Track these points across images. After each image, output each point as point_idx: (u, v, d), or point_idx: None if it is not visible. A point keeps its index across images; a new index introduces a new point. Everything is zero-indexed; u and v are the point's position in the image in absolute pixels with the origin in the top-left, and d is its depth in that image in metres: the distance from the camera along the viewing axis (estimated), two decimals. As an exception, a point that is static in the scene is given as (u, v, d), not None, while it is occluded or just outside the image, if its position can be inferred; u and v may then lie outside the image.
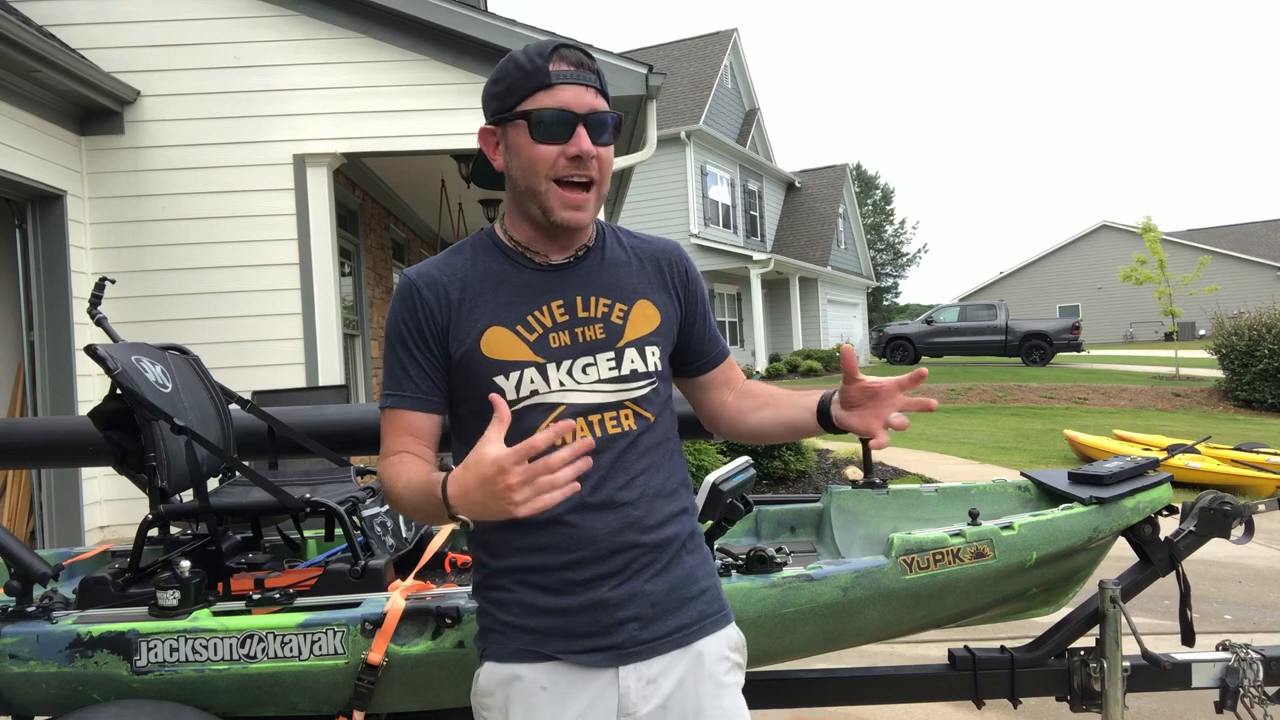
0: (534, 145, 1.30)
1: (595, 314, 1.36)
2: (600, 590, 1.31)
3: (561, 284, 1.37)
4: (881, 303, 48.59)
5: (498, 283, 1.36)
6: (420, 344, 1.35)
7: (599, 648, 1.30)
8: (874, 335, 27.04)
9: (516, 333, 1.33)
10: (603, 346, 1.35)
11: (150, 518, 2.10)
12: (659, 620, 1.34)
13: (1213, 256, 23.40)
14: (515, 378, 1.32)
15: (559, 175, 1.30)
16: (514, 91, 1.31)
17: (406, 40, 6.43)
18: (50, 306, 5.82)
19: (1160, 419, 13.05)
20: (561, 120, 1.29)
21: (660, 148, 10.43)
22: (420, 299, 1.35)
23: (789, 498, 2.87)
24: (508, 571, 1.34)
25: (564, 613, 1.31)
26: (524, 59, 1.31)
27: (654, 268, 1.45)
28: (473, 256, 1.39)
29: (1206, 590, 4.84)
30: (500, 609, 1.34)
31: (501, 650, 1.33)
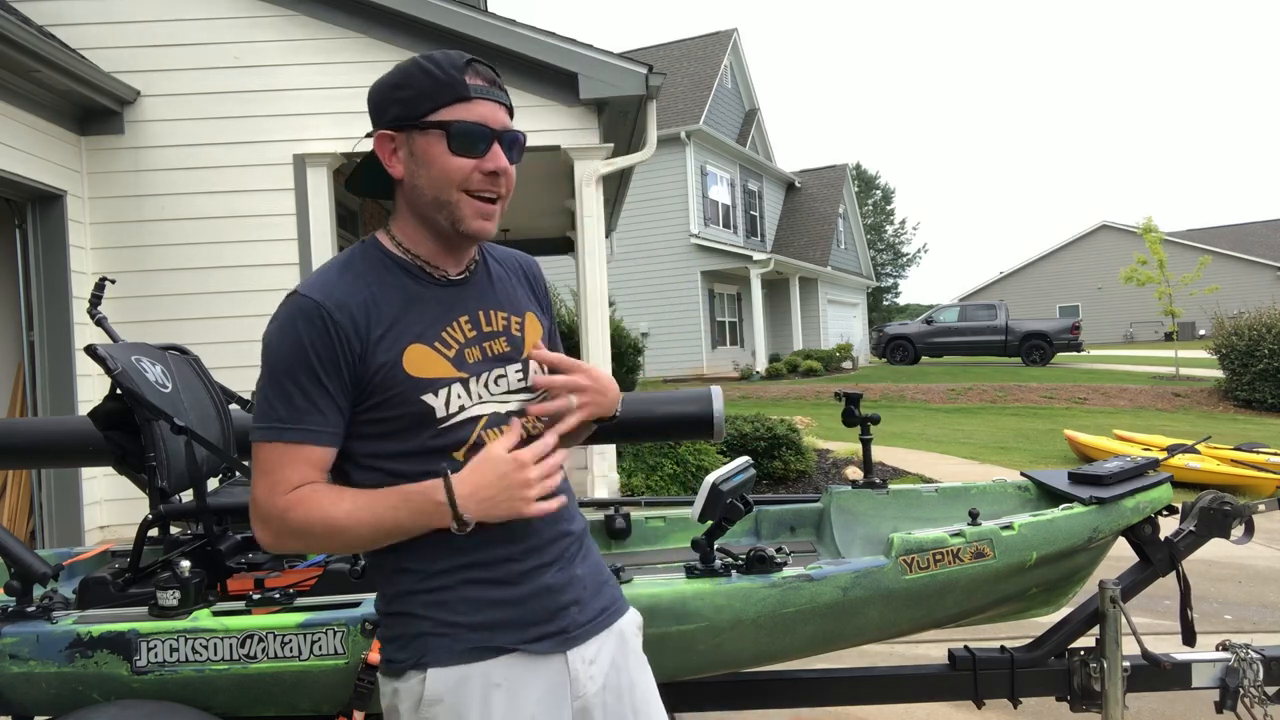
0: (450, 156, 1.28)
1: (498, 328, 1.39)
2: (544, 577, 1.34)
3: (464, 299, 1.38)
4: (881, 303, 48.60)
5: (408, 299, 1.33)
6: (332, 372, 1.26)
7: (548, 634, 1.33)
8: (874, 335, 27.05)
9: (436, 349, 1.32)
10: (511, 358, 1.38)
11: (150, 518, 2.10)
12: (590, 603, 1.40)
13: (1213, 256, 23.40)
14: (444, 395, 1.31)
15: (471, 188, 1.30)
16: (426, 99, 1.28)
17: (406, 40, 6.43)
18: (50, 306, 5.82)
19: (1160, 419, 13.06)
20: (481, 135, 1.29)
21: (660, 148, 10.43)
22: (332, 322, 1.26)
23: (789, 498, 2.87)
24: (448, 571, 1.30)
25: (514, 603, 1.32)
26: (435, 67, 1.29)
27: (524, 281, 1.50)
28: (370, 274, 1.33)
29: (1206, 590, 4.84)
30: (444, 610, 1.30)
31: (447, 653, 1.28)
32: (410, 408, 1.29)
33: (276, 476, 1.26)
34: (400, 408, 1.29)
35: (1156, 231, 19.36)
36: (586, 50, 6.46)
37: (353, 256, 1.36)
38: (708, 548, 2.02)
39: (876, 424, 2.88)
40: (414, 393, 1.29)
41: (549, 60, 6.42)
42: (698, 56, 24.10)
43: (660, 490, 7.21)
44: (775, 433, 7.94)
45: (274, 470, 1.26)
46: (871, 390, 15.99)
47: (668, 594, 1.95)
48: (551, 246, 12.29)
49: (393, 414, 1.29)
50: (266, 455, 1.27)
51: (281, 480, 1.25)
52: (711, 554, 2.03)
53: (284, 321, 1.27)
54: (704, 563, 2.02)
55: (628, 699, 1.40)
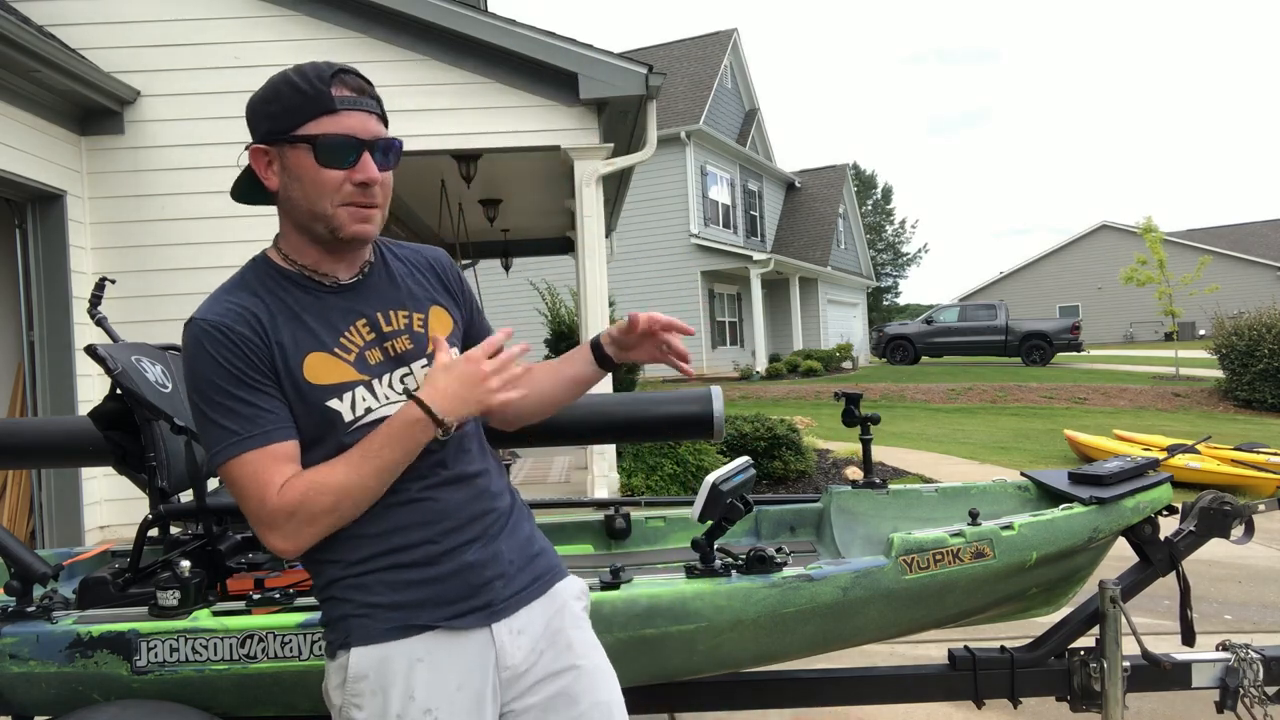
0: (319, 170, 1.30)
1: (399, 326, 1.41)
2: (466, 554, 1.37)
3: (359, 302, 1.39)
4: (881, 303, 48.60)
5: (299, 310, 1.35)
6: (257, 376, 1.29)
7: (472, 609, 1.36)
8: (874, 335, 27.05)
9: (335, 355, 1.34)
10: (415, 355, 1.40)
11: (150, 518, 2.10)
12: (518, 575, 1.43)
13: (1213, 256, 23.40)
14: (349, 399, 1.33)
15: (345, 200, 1.31)
16: (293, 114, 1.29)
17: (406, 40, 6.43)
18: (50, 306, 5.82)
19: (1160, 419, 13.05)
20: (349, 146, 1.30)
21: (660, 148, 10.43)
22: (235, 335, 1.29)
23: (789, 498, 2.87)
24: (370, 559, 1.33)
25: (434, 581, 1.34)
26: (302, 81, 1.30)
27: (433, 275, 1.51)
28: (262, 289, 1.36)
29: (1206, 590, 4.84)
30: (363, 593, 1.33)
31: (368, 633, 1.32)
32: (317, 415, 1.32)
33: (260, 484, 1.27)
34: (308, 416, 1.32)
35: (1157, 231, 19.36)
36: (586, 50, 6.46)
37: (243, 275, 1.40)
38: (708, 548, 2.02)
39: (876, 424, 2.87)
40: (318, 400, 1.32)
41: (549, 60, 6.42)
42: (698, 56, 24.10)
43: (660, 490, 7.21)
44: (775, 433, 7.94)
45: (254, 480, 1.27)
46: (871, 390, 15.99)
47: (668, 594, 1.95)
48: (551, 246, 12.29)
49: (303, 423, 1.32)
50: (241, 471, 1.27)
51: (267, 485, 1.27)
52: (711, 554, 2.03)
53: (192, 349, 1.30)
54: (704, 563, 2.02)
55: (565, 656, 1.42)
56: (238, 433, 1.27)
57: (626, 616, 1.92)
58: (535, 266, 14.85)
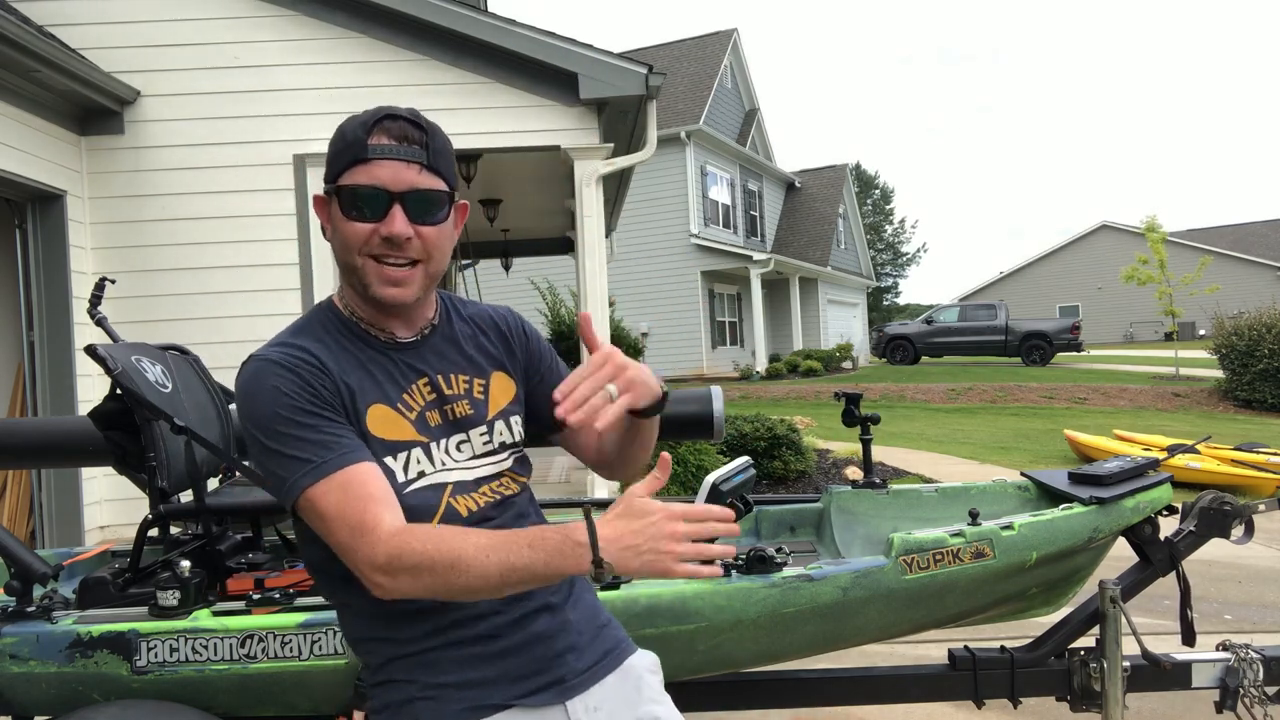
0: (345, 222, 1.24)
1: (459, 390, 1.34)
2: (534, 625, 1.29)
3: (421, 362, 1.33)
4: (881, 303, 48.60)
5: (364, 361, 1.29)
6: (329, 409, 1.22)
7: (545, 685, 1.27)
8: (874, 335, 27.05)
9: (399, 411, 1.28)
10: (475, 422, 1.34)
11: (150, 518, 2.10)
12: (589, 647, 1.34)
13: (1213, 256, 23.38)
14: (403, 458, 1.26)
15: (373, 253, 1.24)
16: (335, 162, 1.26)
17: (406, 40, 6.43)
18: (50, 306, 5.83)
19: (1160, 419, 13.05)
20: (374, 198, 1.22)
21: (660, 148, 10.42)
22: (304, 367, 1.22)
23: (789, 498, 2.87)
24: (433, 633, 1.24)
25: (504, 655, 1.26)
26: (349, 127, 1.25)
27: (498, 335, 1.44)
28: (326, 335, 1.30)
29: (1206, 590, 4.84)
30: (429, 672, 1.24)
31: (438, 715, 1.22)
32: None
33: (352, 516, 1.16)
34: None
35: (1159, 231, 19.34)
36: (586, 50, 6.46)
37: (308, 320, 1.34)
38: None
39: (876, 424, 2.87)
40: (377, 454, 1.24)
41: (549, 60, 6.42)
42: (698, 56, 24.10)
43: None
44: (775, 433, 7.94)
45: (343, 510, 1.16)
46: (871, 390, 15.99)
47: (668, 594, 1.95)
48: (551, 246, 12.29)
49: None
50: (323, 501, 1.17)
51: (362, 520, 1.15)
52: (711, 554, 2.02)
53: (253, 385, 1.22)
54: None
55: None
56: (311, 460, 1.18)
57: (626, 616, 1.92)
58: (535, 266, 14.82)
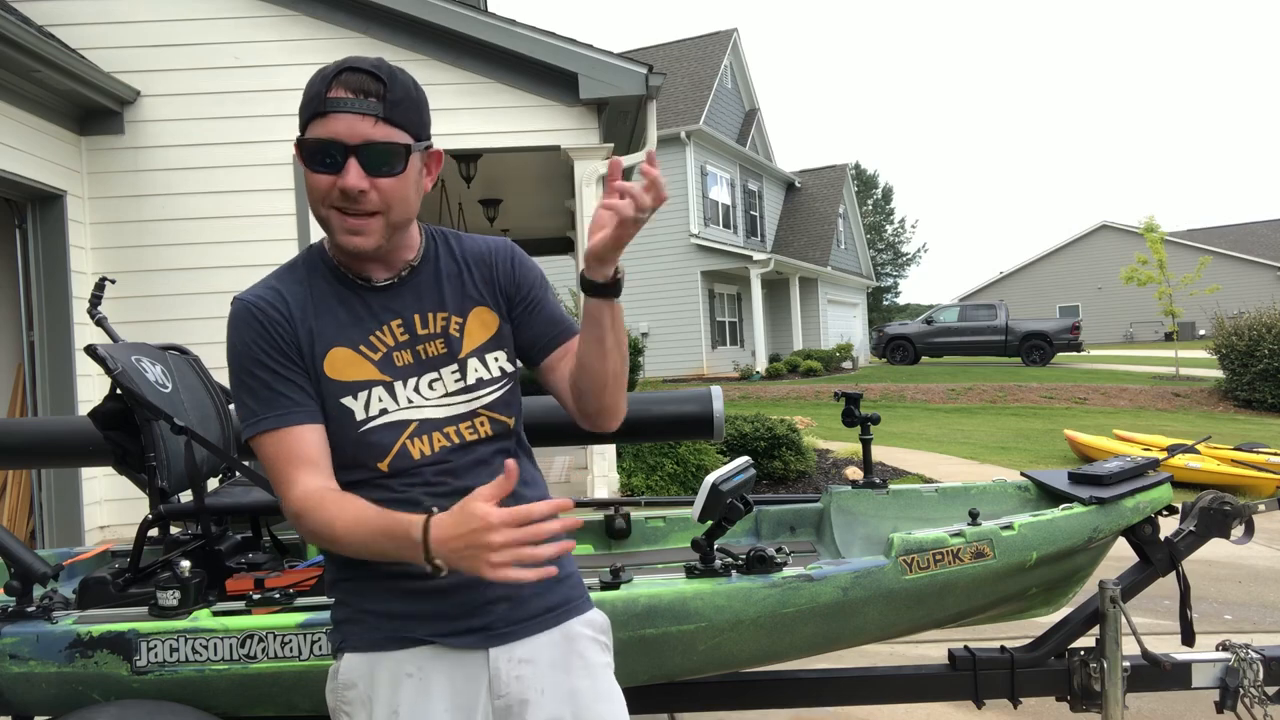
0: (310, 174, 1.27)
1: (434, 329, 1.36)
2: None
3: (397, 302, 1.36)
4: (881, 303, 48.59)
5: (336, 303, 1.34)
6: (283, 360, 1.30)
7: (471, 629, 1.30)
8: (874, 335, 27.04)
9: (360, 353, 1.33)
10: (445, 360, 1.36)
11: (150, 518, 2.10)
12: (529, 601, 1.34)
13: (1213, 256, 23.37)
14: (364, 398, 1.31)
15: (334, 204, 1.27)
16: (301, 114, 1.28)
17: (406, 40, 6.43)
18: (50, 306, 5.82)
19: (1160, 419, 13.05)
20: (328, 151, 1.24)
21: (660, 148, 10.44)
22: (266, 318, 1.31)
23: (789, 498, 2.87)
24: (367, 564, 1.29)
25: (431, 594, 1.29)
26: (314, 80, 1.26)
27: (483, 272, 1.42)
28: (307, 276, 1.36)
29: (1206, 590, 4.84)
30: (362, 598, 1.32)
31: (362, 640, 1.31)
32: (331, 410, 1.31)
33: (277, 471, 1.28)
34: (323, 409, 1.31)
35: (1158, 231, 19.34)
36: (586, 50, 6.46)
37: (296, 260, 1.40)
38: (708, 548, 2.02)
39: (876, 424, 2.88)
40: (333, 394, 1.31)
41: (549, 60, 6.42)
42: (698, 56, 24.10)
43: (660, 490, 7.21)
44: (775, 433, 7.94)
45: (273, 464, 1.29)
46: (871, 390, 15.99)
47: (668, 594, 1.95)
48: (551, 246, 12.29)
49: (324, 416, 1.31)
50: (262, 451, 1.30)
51: (284, 476, 1.27)
52: (711, 554, 2.03)
53: (229, 328, 1.35)
54: (704, 563, 2.02)
55: (564, 706, 1.32)
56: (256, 412, 1.29)
57: (626, 616, 1.92)
58: (535, 266, 14.75)
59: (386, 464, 1.31)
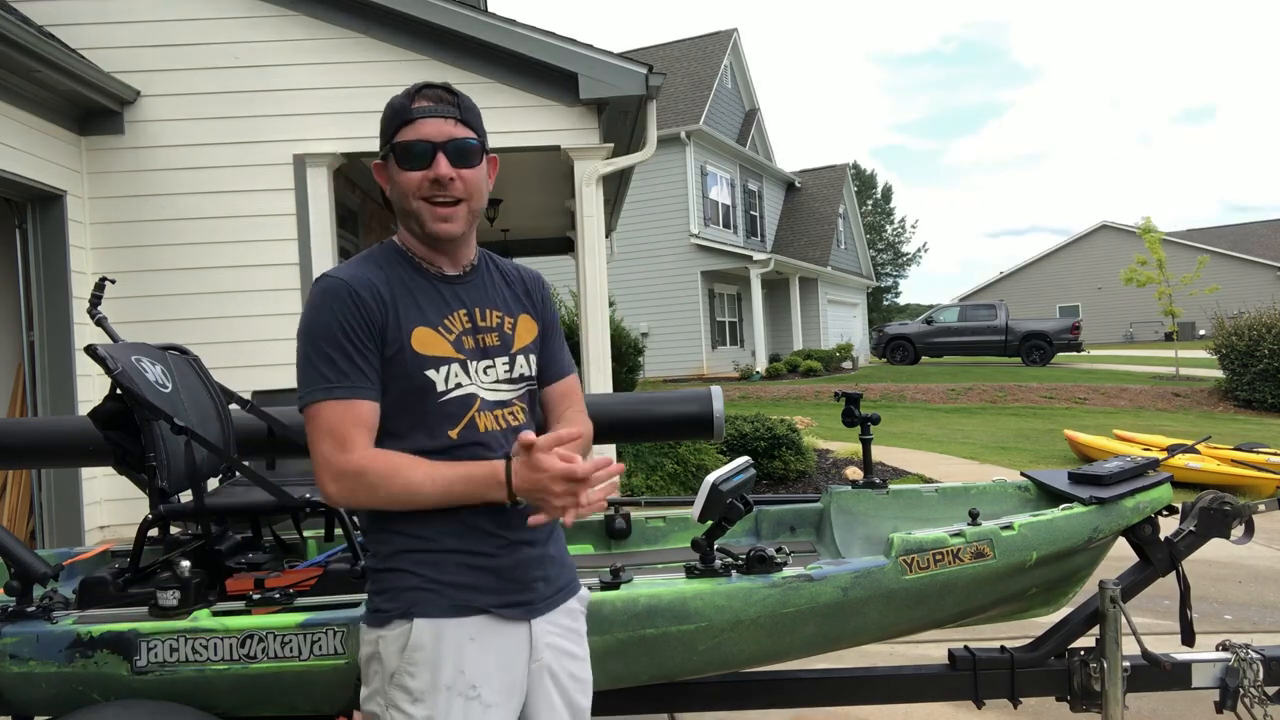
0: (401, 172, 1.51)
1: (490, 324, 1.59)
2: (522, 552, 1.53)
3: (462, 295, 1.58)
4: (881, 303, 48.60)
5: (414, 288, 1.54)
6: (364, 340, 1.47)
7: (518, 603, 1.52)
8: (874, 335, 27.04)
9: (439, 332, 1.52)
10: (499, 352, 1.58)
11: (150, 518, 2.10)
12: (555, 580, 1.59)
13: (1212, 256, 23.35)
14: (444, 371, 1.51)
15: (424, 195, 1.50)
16: (386, 130, 1.52)
17: (406, 40, 6.43)
18: (50, 306, 5.82)
19: (1160, 419, 13.05)
20: (421, 150, 1.49)
21: (660, 148, 10.42)
22: (358, 299, 1.47)
23: (789, 498, 2.87)
24: (443, 535, 1.47)
25: (493, 571, 1.50)
26: (395, 100, 1.52)
27: (523, 290, 1.68)
28: (388, 264, 1.55)
29: (1206, 590, 4.84)
30: (433, 570, 1.47)
31: (434, 607, 1.46)
32: (415, 381, 1.49)
33: (340, 434, 1.43)
34: (406, 381, 1.48)
35: (1156, 232, 19.35)
36: (586, 50, 6.46)
37: (373, 251, 1.58)
38: (708, 548, 2.02)
39: (876, 424, 2.88)
40: (419, 367, 1.49)
41: (549, 60, 6.42)
42: (698, 56, 24.09)
43: (660, 490, 7.21)
44: (775, 433, 7.94)
45: (335, 428, 1.44)
46: (871, 390, 15.99)
47: (668, 594, 1.95)
48: (551, 246, 12.30)
49: (402, 386, 1.48)
50: (324, 415, 1.44)
51: (347, 437, 1.43)
52: (711, 554, 2.03)
53: (317, 300, 1.49)
54: (704, 563, 2.03)
55: (573, 668, 1.60)
56: (330, 380, 1.45)
57: (626, 616, 1.92)
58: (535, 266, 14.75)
59: (456, 433, 1.50)
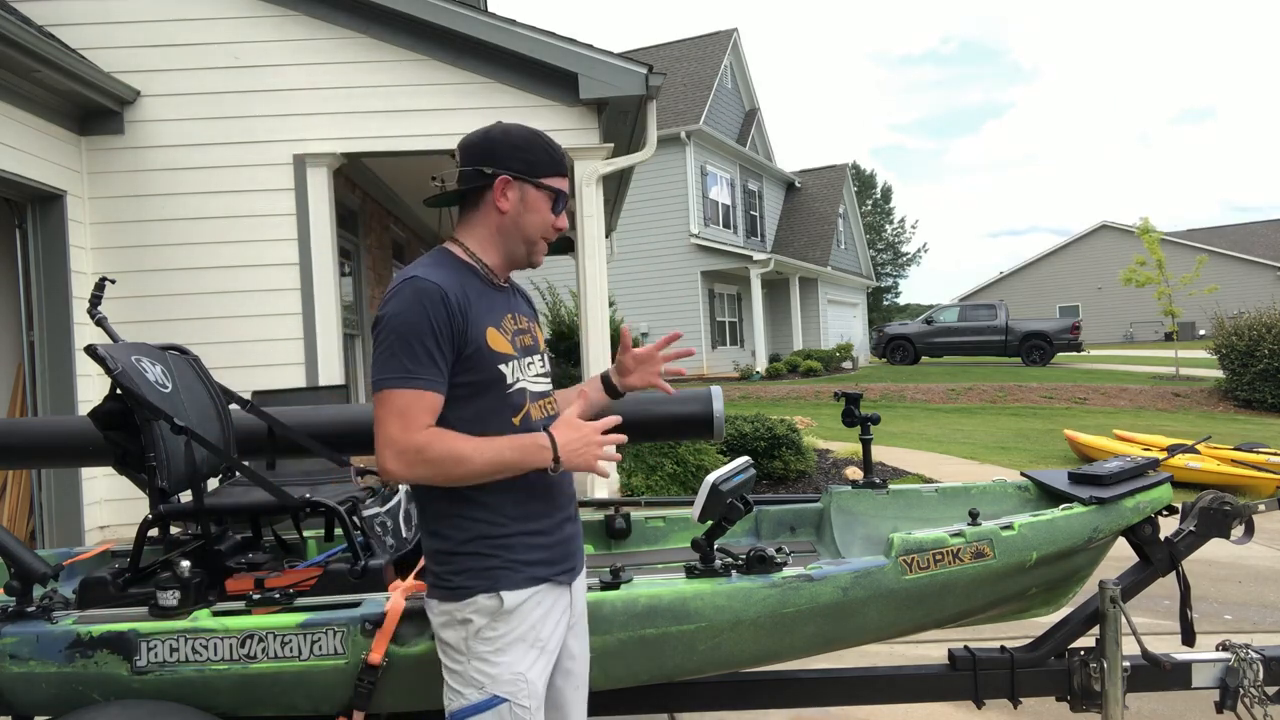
0: (549, 213, 1.78)
1: (524, 326, 1.84)
2: (565, 529, 1.80)
3: (506, 303, 1.82)
4: (881, 303, 48.59)
5: (482, 294, 1.75)
6: (446, 340, 1.65)
7: (567, 570, 1.78)
8: (874, 335, 27.03)
9: (502, 332, 1.75)
10: (535, 350, 1.85)
11: (150, 518, 2.10)
12: (582, 549, 1.86)
13: (1212, 256, 23.35)
14: (511, 366, 1.74)
15: (546, 235, 1.81)
16: (543, 167, 1.76)
17: (406, 40, 6.43)
18: (50, 306, 5.82)
19: (1160, 419, 13.06)
20: (564, 201, 1.80)
21: (660, 148, 10.42)
22: (447, 303, 1.65)
23: (789, 498, 2.87)
24: (514, 521, 1.70)
25: (551, 546, 1.75)
26: (551, 146, 1.79)
27: (528, 302, 1.95)
28: (460, 273, 1.74)
29: (1206, 590, 4.84)
30: (510, 551, 1.70)
31: (513, 580, 1.69)
32: (489, 374, 1.70)
33: (409, 417, 1.61)
34: (483, 374, 1.69)
35: (1154, 232, 19.35)
36: (586, 50, 6.46)
37: (437, 259, 1.75)
38: (708, 548, 2.03)
39: (876, 424, 2.88)
40: (493, 362, 1.71)
41: (549, 60, 6.42)
42: (698, 56, 24.09)
43: (660, 490, 7.21)
44: (775, 433, 7.94)
45: (406, 411, 1.61)
46: (871, 390, 15.99)
47: (668, 594, 1.95)
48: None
49: (477, 379, 1.69)
50: (398, 399, 1.62)
51: (414, 420, 1.61)
52: (711, 554, 2.03)
53: (410, 298, 1.64)
54: (704, 563, 2.03)
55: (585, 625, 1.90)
56: (410, 370, 1.62)
57: (626, 616, 1.92)
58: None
59: (519, 419, 1.73)
